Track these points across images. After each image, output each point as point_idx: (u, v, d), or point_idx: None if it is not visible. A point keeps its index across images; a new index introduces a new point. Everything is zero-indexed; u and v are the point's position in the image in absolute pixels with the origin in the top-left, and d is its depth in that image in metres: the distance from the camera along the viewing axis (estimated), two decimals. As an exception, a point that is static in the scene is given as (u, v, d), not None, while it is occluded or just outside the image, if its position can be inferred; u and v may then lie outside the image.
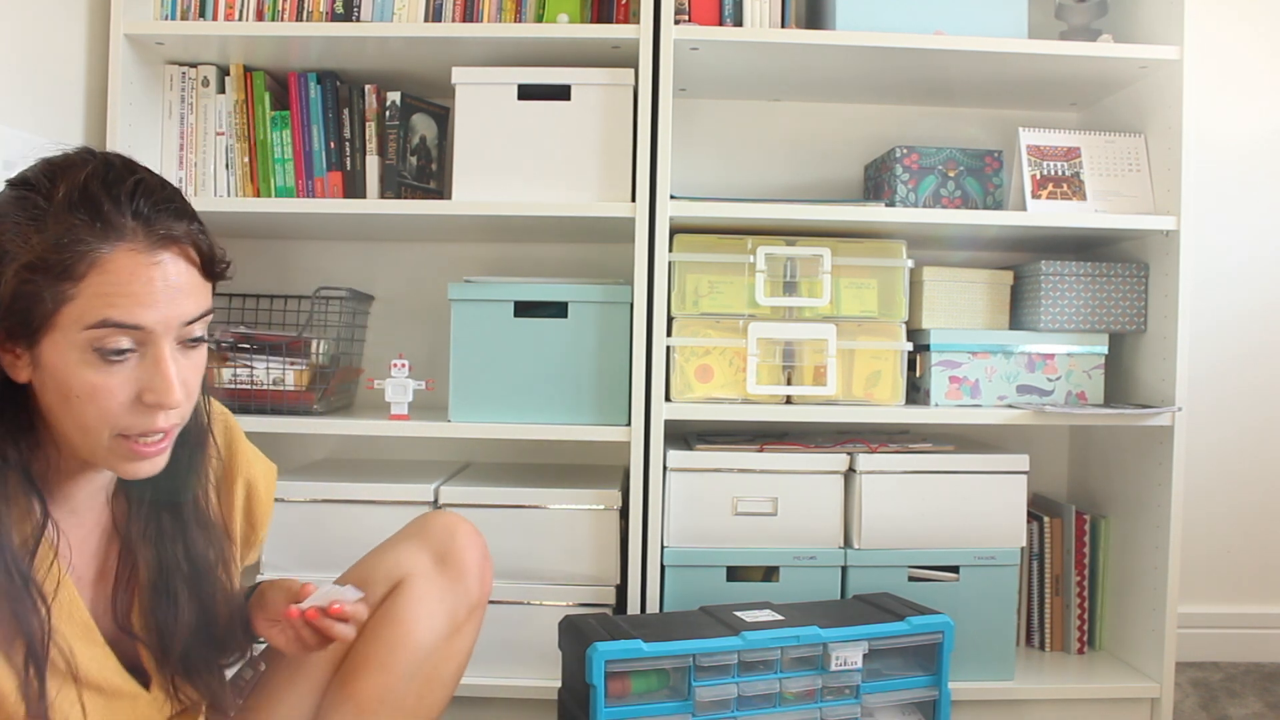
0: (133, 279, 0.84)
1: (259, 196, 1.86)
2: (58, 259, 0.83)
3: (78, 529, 0.99)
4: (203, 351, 0.95)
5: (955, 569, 1.75)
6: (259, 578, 1.60)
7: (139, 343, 0.87)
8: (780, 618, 1.53)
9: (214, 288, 0.96)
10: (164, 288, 0.86)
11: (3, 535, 0.86)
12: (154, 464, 0.93)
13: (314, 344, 1.83)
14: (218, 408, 1.13)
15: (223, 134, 1.86)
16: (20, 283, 0.83)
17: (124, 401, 0.87)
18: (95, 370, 0.85)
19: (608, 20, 1.84)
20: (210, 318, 0.94)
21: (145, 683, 1.00)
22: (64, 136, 1.70)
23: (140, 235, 0.86)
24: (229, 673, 1.13)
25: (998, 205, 1.90)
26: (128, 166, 0.91)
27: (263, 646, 1.20)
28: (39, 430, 0.91)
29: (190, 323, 0.90)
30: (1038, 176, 1.83)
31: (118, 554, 1.01)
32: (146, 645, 1.01)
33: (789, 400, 1.79)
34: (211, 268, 0.94)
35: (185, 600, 1.01)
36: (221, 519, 1.10)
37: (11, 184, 0.89)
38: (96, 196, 0.85)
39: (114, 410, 0.87)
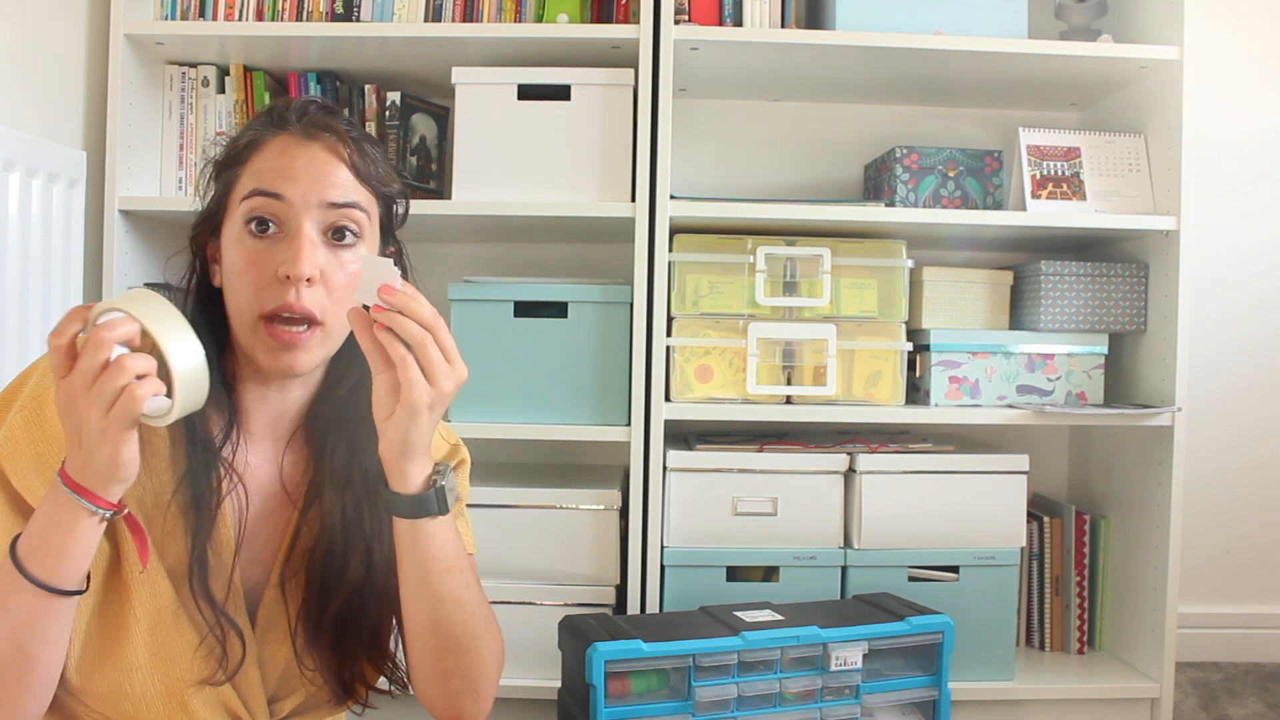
0: (281, 156, 0.92)
1: (259, 196, 1.86)
2: (234, 149, 0.95)
3: (250, 455, 0.97)
4: (354, 256, 0.93)
5: (955, 569, 1.75)
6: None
7: (282, 219, 0.91)
8: (780, 618, 1.52)
9: (385, 218, 1.02)
10: (306, 165, 0.92)
11: (197, 421, 0.92)
12: (294, 357, 0.90)
13: (314, 344, 1.83)
14: (454, 437, 1.10)
15: (223, 134, 1.86)
16: (217, 176, 0.96)
17: (266, 276, 0.90)
18: (245, 245, 0.91)
19: (608, 20, 1.84)
20: (363, 217, 0.94)
21: (237, 643, 0.93)
22: (64, 136, 1.71)
23: (298, 128, 0.94)
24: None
25: (998, 205, 1.90)
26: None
27: None
28: (228, 340, 0.96)
29: (334, 206, 0.92)
30: (1038, 176, 1.83)
31: (281, 504, 0.98)
32: (283, 606, 0.96)
33: (789, 400, 1.79)
34: (363, 171, 0.95)
35: (356, 564, 0.95)
36: None
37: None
38: (282, 105, 0.97)
39: (256, 283, 0.90)
